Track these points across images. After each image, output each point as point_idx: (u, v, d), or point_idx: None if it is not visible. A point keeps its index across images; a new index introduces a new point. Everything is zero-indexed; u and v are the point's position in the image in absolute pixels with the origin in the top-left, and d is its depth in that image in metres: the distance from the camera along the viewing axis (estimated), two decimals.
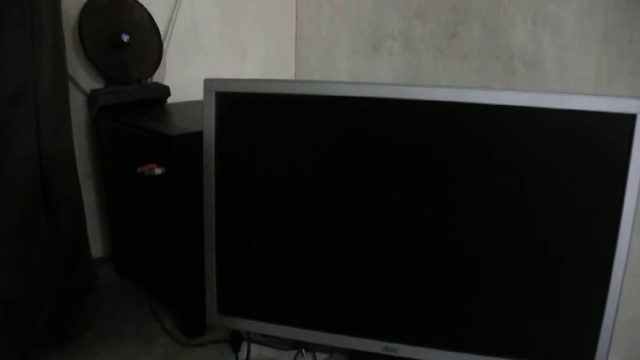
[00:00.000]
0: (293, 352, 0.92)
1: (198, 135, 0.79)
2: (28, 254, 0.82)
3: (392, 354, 0.79)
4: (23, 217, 0.80)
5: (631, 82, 0.93)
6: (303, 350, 0.91)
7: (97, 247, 1.21)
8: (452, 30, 1.15)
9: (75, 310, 0.92)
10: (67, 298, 0.89)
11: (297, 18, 1.49)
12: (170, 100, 1.16)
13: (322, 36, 1.44)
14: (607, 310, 0.71)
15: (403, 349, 0.78)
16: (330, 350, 0.92)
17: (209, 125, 0.76)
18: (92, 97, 1.07)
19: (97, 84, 1.11)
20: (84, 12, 1.05)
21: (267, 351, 0.93)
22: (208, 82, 0.75)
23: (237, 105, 0.76)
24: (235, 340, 0.93)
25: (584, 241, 0.70)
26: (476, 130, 0.69)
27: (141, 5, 1.14)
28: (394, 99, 0.70)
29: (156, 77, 1.20)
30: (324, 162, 0.76)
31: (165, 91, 1.14)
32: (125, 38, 1.07)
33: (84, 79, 1.11)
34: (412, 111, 0.70)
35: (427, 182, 0.72)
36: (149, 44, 1.16)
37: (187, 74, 1.26)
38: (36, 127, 0.80)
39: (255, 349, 0.92)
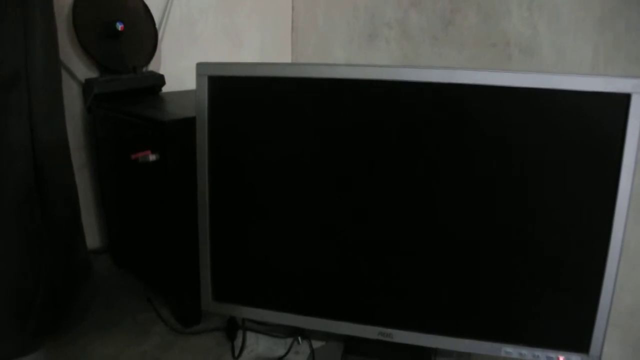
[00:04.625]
0: (289, 340, 0.91)
1: (191, 121, 0.78)
2: (22, 243, 0.82)
3: (387, 339, 0.78)
4: (17, 205, 0.80)
5: (627, 68, 0.93)
6: (299, 338, 0.91)
7: (93, 237, 1.21)
8: (448, 18, 1.15)
9: (70, 299, 0.92)
10: (62, 287, 0.89)
11: (293, 8, 1.49)
12: (165, 89, 1.16)
13: (319, 26, 1.43)
14: (602, 297, 0.70)
15: (398, 335, 0.78)
16: (326, 337, 0.92)
17: (201, 110, 0.76)
18: (87, 86, 1.07)
19: (92, 74, 1.11)
20: (78, 0, 1.04)
21: (263, 339, 0.93)
22: (201, 66, 0.75)
23: (229, 89, 0.75)
24: (231, 328, 0.92)
25: (579, 223, 0.69)
26: (470, 111, 0.69)
27: None
28: (388, 81, 0.69)
29: (151, 66, 1.19)
30: (317, 146, 0.75)
31: (160, 80, 1.14)
32: (120, 27, 1.06)
33: (79, 68, 1.10)
34: (406, 92, 0.70)
35: (422, 164, 0.72)
36: (144, 33, 1.15)
37: (182, 63, 1.26)
38: (29, 114, 0.79)
39: (251, 337, 0.92)
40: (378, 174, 0.74)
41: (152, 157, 0.84)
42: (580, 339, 0.73)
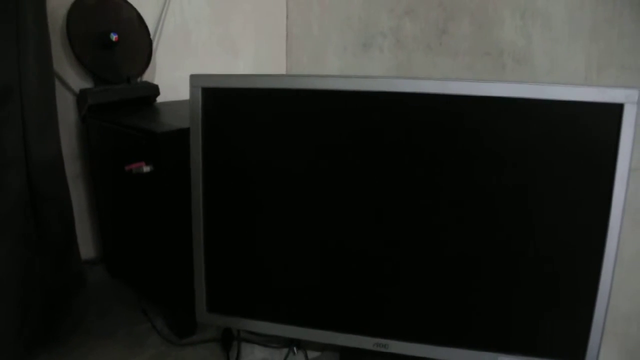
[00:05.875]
0: (284, 351, 0.91)
1: (185, 132, 0.78)
2: (15, 255, 0.81)
3: (383, 350, 0.78)
4: (9, 217, 0.79)
5: (621, 75, 0.93)
6: (294, 349, 0.91)
7: (89, 248, 1.20)
8: (441, 27, 1.15)
9: (64, 311, 0.91)
10: (56, 298, 0.88)
11: (287, 17, 1.49)
12: (160, 99, 1.16)
13: (313, 34, 1.43)
14: (597, 305, 0.70)
15: (394, 345, 0.78)
16: (321, 347, 0.91)
17: (195, 122, 0.76)
18: (81, 97, 1.06)
19: (87, 84, 1.11)
20: (72, 11, 1.04)
21: (259, 350, 0.92)
22: (194, 78, 0.75)
23: (223, 100, 0.75)
24: (226, 339, 0.92)
25: (574, 232, 0.69)
26: (464, 122, 0.69)
27: (130, 5, 1.13)
28: (382, 92, 0.69)
29: (146, 77, 1.19)
30: (311, 157, 0.75)
31: (155, 90, 1.13)
32: (114, 37, 1.06)
33: (73, 79, 1.10)
34: (400, 104, 0.70)
35: (418, 176, 0.72)
36: (138, 43, 1.15)
37: (177, 73, 1.25)
38: (22, 126, 0.79)
39: (246, 348, 0.92)
40: (373, 186, 0.73)
41: (146, 169, 0.84)
42: (575, 347, 0.73)
